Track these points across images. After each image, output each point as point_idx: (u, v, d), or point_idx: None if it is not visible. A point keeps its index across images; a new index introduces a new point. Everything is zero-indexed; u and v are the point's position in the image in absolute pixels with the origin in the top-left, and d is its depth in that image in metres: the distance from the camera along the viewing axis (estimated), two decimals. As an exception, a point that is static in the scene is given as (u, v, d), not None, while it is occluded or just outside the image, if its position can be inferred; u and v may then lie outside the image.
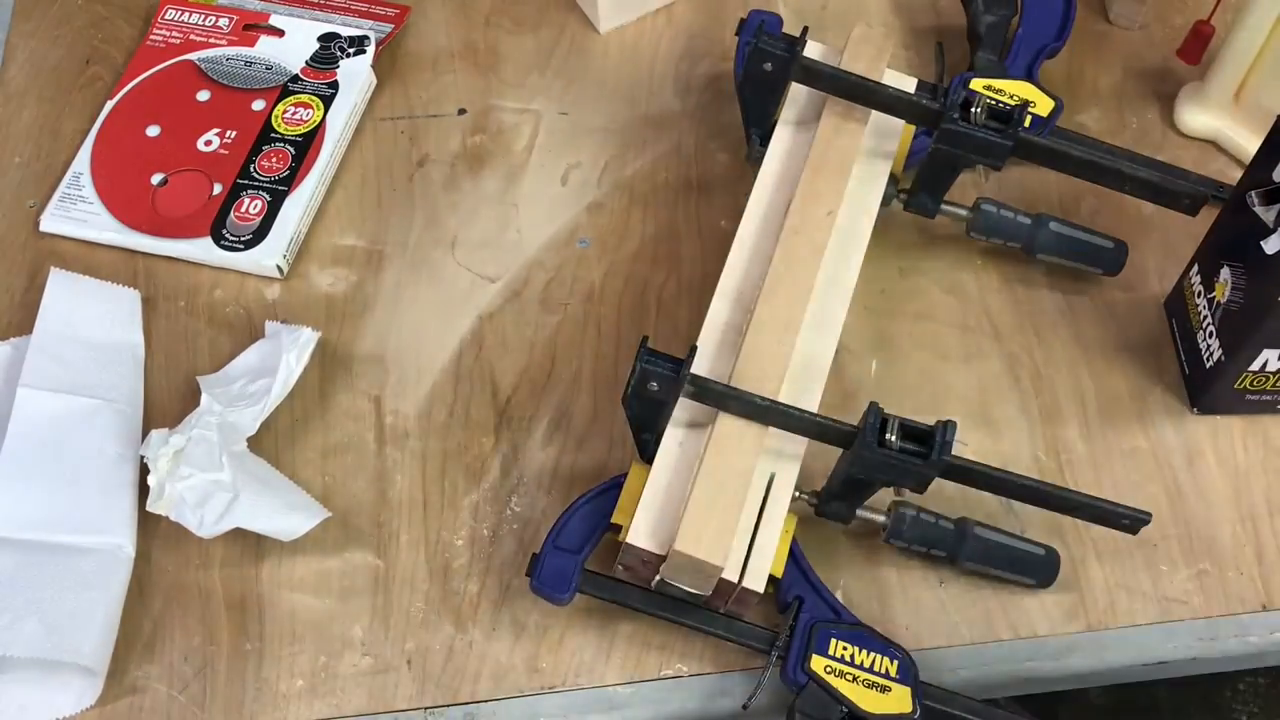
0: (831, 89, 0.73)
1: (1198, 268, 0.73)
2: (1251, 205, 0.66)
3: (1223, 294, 0.70)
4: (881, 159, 0.74)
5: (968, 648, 0.67)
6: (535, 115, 0.87)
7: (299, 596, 0.68)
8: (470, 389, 0.75)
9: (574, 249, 0.81)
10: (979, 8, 0.84)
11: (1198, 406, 0.74)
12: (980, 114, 0.69)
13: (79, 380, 0.73)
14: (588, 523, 0.65)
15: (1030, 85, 0.81)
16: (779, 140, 0.75)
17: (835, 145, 0.72)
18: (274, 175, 0.82)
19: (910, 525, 0.66)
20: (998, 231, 0.76)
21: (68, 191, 0.82)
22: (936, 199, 0.75)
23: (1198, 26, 0.86)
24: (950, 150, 0.70)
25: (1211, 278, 0.71)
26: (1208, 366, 0.72)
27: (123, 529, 0.68)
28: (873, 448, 0.59)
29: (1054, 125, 0.80)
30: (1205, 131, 0.84)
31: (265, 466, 0.70)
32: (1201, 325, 0.72)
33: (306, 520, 0.67)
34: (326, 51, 0.87)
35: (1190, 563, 0.69)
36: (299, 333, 0.73)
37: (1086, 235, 0.76)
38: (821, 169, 0.71)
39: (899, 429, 0.60)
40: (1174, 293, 0.76)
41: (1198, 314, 0.73)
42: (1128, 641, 0.67)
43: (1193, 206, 0.72)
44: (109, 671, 0.65)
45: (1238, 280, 0.68)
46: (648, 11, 0.92)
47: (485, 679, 0.66)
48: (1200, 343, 0.72)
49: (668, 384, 0.61)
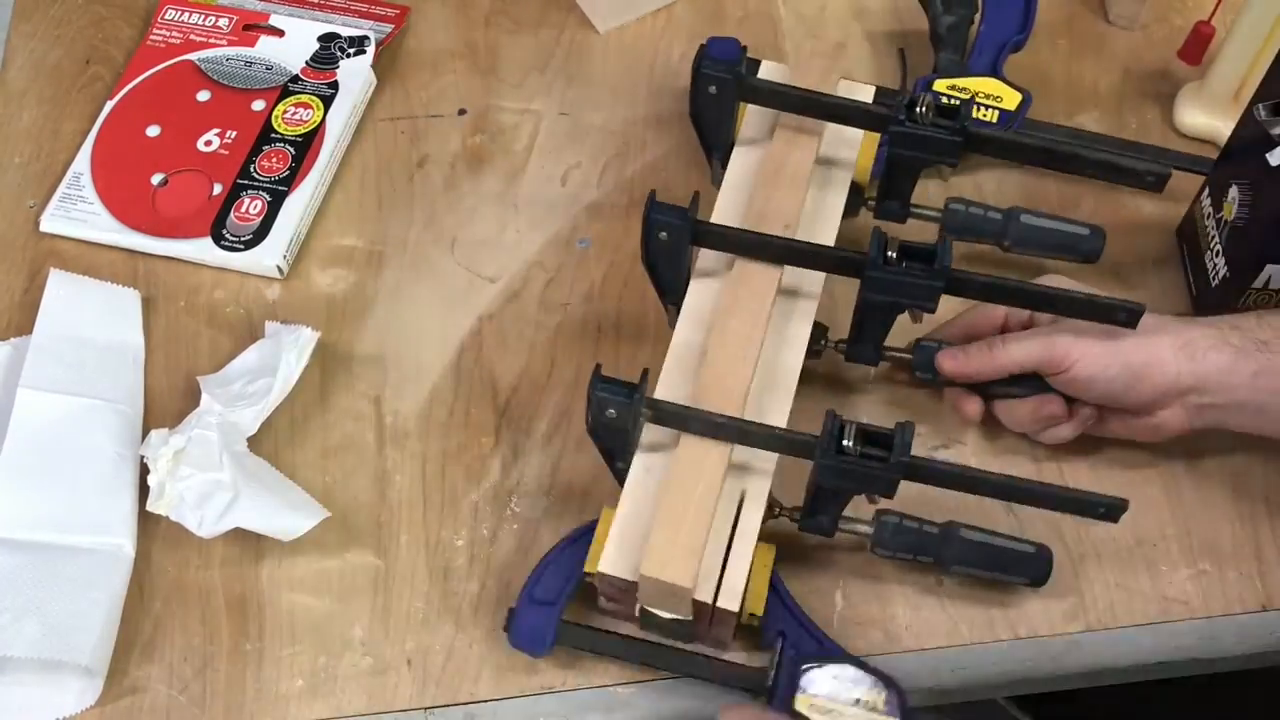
0: (779, 104, 0.73)
1: (1208, 190, 0.74)
2: (1258, 117, 0.66)
3: (1230, 212, 0.70)
4: (840, 169, 0.74)
5: (968, 648, 0.67)
6: (535, 115, 0.87)
7: (299, 596, 0.68)
8: (470, 389, 0.75)
9: (574, 249, 0.81)
10: (938, 9, 0.84)
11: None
12: (926, 113, 0.68)
13: (79, 380, 0.73)
14: (563, 571, 0.65)
15: (995, 80, 0.81)
16: (737, 160, 0.75)
17: (789, 160, 0.72)
18: (274, 175, 0.82)
19: (893, 533, 0.65)
20: (970, 229, 0.75)
21: (68, 191, 0.82)
22: (903, 203, 0.74)
23: (1198, 27, 0.86)
24: (904, 153, 0.70)
25: (1220, 198, 0.72)
26: (1214, 285, 0.72)
27: (123, 529, 0.68)
28: (833, 455, 0.59)
29: (1023, 119, 0.81)
30: (1205, 131, 0.84)
31: (265, 466, 0.70)
32: (1210, 245, 0.73)
33: (306, 520, 0.67)
34: (326, 52, 0.87)
35: (1190, 563, 0.69)
36: (299, 332, 0.73)
37: (1060, 224, 0.75)
38: (776, 184, 0.71)
39: (857, 434, 0.59)
40: (1185, 219, 0.77)
41: (1206, 235, 0.73)
42: (1128, 641, 0.67)
43: (1157, 183, 0.70)
44: (109, 671, 0.65)
45: (1244, 197, 0.69)
46: (648, 11, 0.92)
47: (485, 679, 0.66)
48: (1208, 262, 0.73)
49: (624, 410, 0.60)
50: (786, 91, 0.72)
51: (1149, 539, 0.69)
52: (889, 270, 0.64)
